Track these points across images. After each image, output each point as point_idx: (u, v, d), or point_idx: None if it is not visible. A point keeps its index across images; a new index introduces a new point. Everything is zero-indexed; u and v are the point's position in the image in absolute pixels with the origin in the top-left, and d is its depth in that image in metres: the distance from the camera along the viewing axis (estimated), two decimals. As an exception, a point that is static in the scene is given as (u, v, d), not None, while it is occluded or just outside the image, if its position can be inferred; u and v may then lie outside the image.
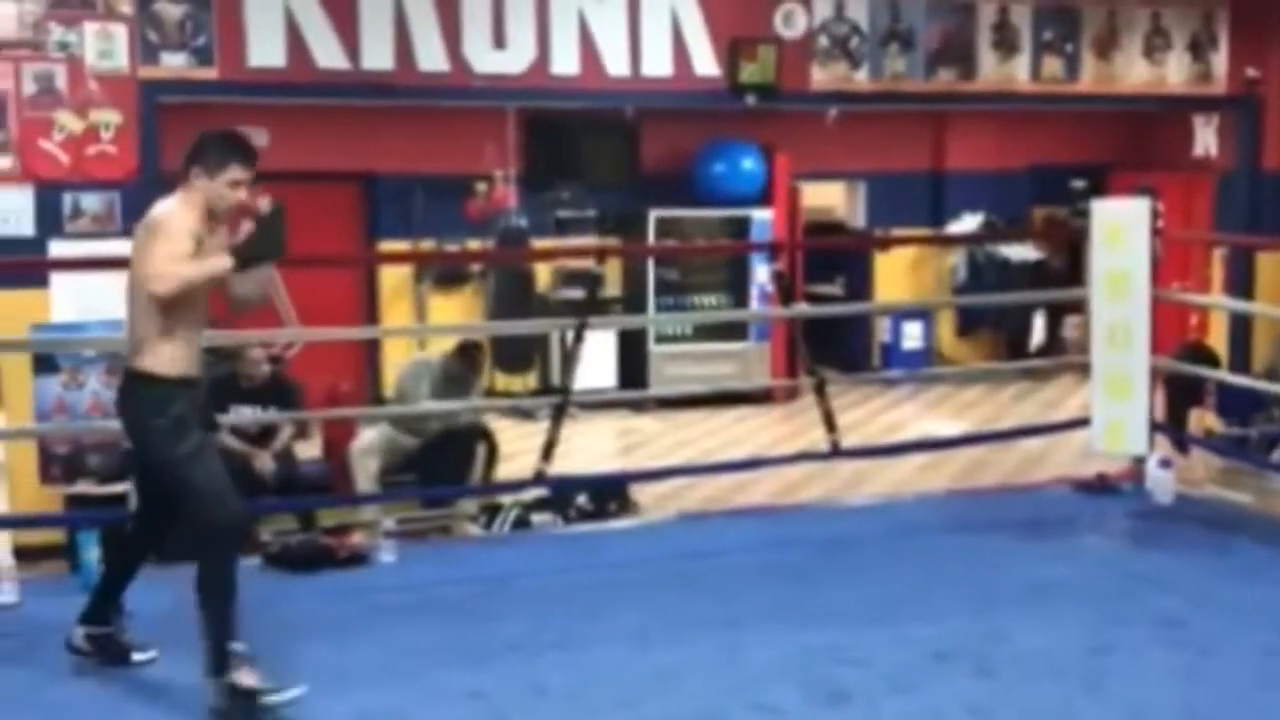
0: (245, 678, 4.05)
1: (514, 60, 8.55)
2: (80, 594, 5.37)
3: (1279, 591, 5.37)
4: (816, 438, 6.81)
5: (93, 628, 4.50)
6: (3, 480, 6.74)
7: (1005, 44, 9.92)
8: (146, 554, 4.56)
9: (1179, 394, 8.37)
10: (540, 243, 11.10)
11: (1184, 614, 5.06)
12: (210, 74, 7.69)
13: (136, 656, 4.50)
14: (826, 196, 13.05)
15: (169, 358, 4.22)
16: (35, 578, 5.74)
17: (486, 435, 7.77)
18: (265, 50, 7.94)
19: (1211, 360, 8.92)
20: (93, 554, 5.54)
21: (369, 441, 7.58)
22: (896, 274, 12.53)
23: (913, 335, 12.45)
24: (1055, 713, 4.16)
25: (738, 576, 5.60)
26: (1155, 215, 6.66)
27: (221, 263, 4.18)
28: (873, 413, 11.05)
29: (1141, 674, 4.49)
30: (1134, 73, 10.20)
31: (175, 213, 4.20)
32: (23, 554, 5.84)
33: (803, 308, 9.60)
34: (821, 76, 9.45)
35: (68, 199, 7.31)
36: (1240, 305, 9.57)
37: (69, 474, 7.11)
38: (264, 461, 7.14)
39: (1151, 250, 6.53)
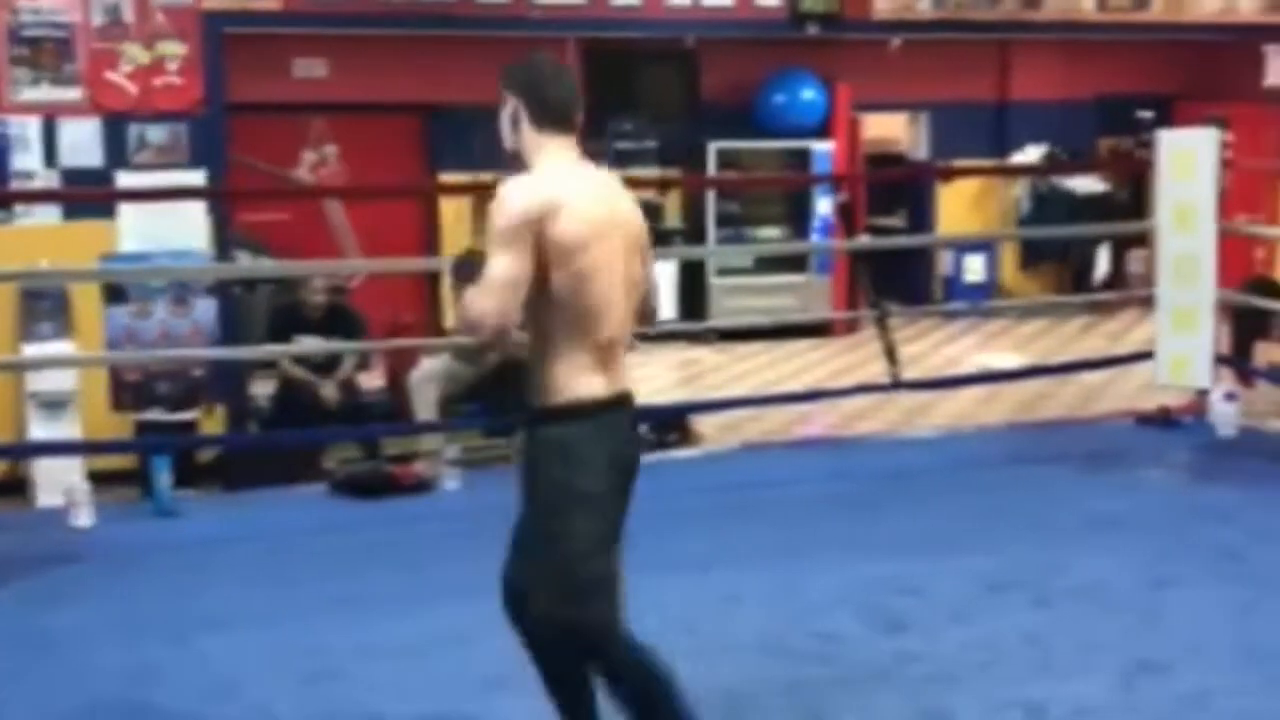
0: None
1: (574, -10, 8.54)
2: (152, 518, 5.55)
3: (1342, 527, 5.34)
4: (877, 370, 6.83)
5: None
6: (75, 407, 6.91)
7: (1073, -29, 9.75)
8: None
9: (1245, 327, 8.28)
10: (600, 174, 11.09)
11: (1244, 548, 5.04)
12: (273, 4, 7.73)
13: None
14: (888, 128, 12.91)
15: None
16: (109, 502, 5.88)
17: (547, 366, 7.82)
18: (327, -19, 7.98)
19: (1278, 293, 8.81)
20: (164, 479, 5.68)
21: (428, 370, 7.66)
22: (959, 206, 12.41)
23: (975, 268, 12.35)
24: (1112, 645, 4.18)
25: (798, 507, 5.65)
26: (1223, 146, 6.57)
27: None
28: (934, 345, 11.01)
29: (1200, 607, 4.49)
30: (1204, 1, 9.99)
31: None
32: (96, 479, 5.98)
33: (864, 240, 9.56)
34: (884, 5, 9.35)
35: (134, 130, 7.39)
36: (1310, 238, 9.43)
37: (139, 401, 7.25)
38: (328, 390, 7.25)
39: (1219, 182, 6.45)
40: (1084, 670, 4.00)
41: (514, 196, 2.97)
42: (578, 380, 3.06)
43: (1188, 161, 6.50)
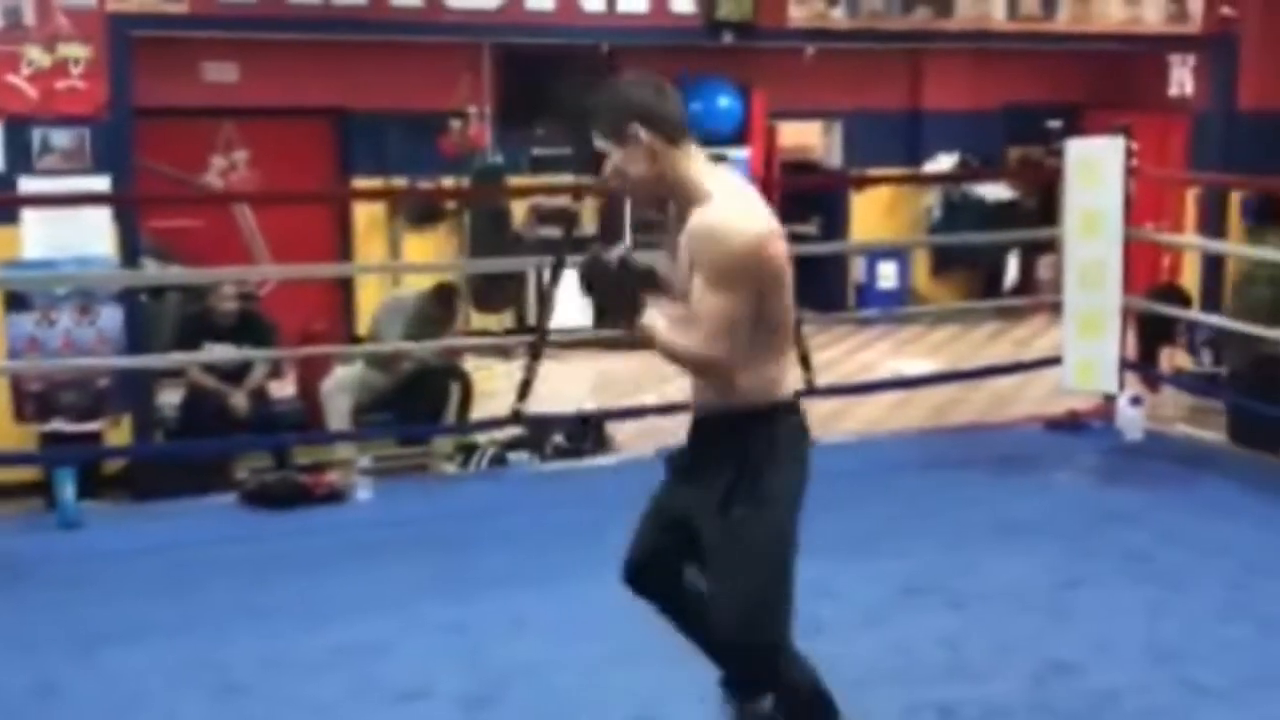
0: None
1: (489, -5, 8.47)
2: (57, 530, 5.42)
3: (1244, 527, 5.44)
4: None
5: None
6: (-24, 418, 6.75)
7: (982, -19, 9.87)
8: None
9: (1151, 333, 8.43)
10: (516, 180, 11.06)
11: (1151, 549, 5.13)
12: (181, 7, 7.59)
13: None
14: (803, 135, 13.02)
15: None
16: (13, 514, 5.75)
17: (460, 375, 7.77)
18: (237, -17, 7.84)
19: (1183, 300, 8.99)
20: (68, 492, 5.55)
21: (341, 379, 7.58)
22: (872, 214, 12.53)
23: (888, 275, 12.47)
24: (1024, 645, 4.22)
25: (712, 513, 5.64)
26: (1129, 154, 6.67)
27: None
28: (847, 351, 11.09)
29: (1109, 607, 4.56)
30: (1111, 12, 10.17)
31: None
32: (-1, 491, 5.85)
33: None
34: (798, 13, 9.38)
35: (37, 135, 7.22)
36: (1213, 245, 9.61)
37: (42, 412, 7.09)
38: (238, 399, 7.14)
39: (1125, 190, 6.55)
40: (996, 671, 4.04)
41: (736, 232, 2.85)
42: (786, 380, 3.08)
43: (1095, 170, 6.60)
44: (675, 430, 8.28)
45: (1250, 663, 4.11)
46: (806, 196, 12.98)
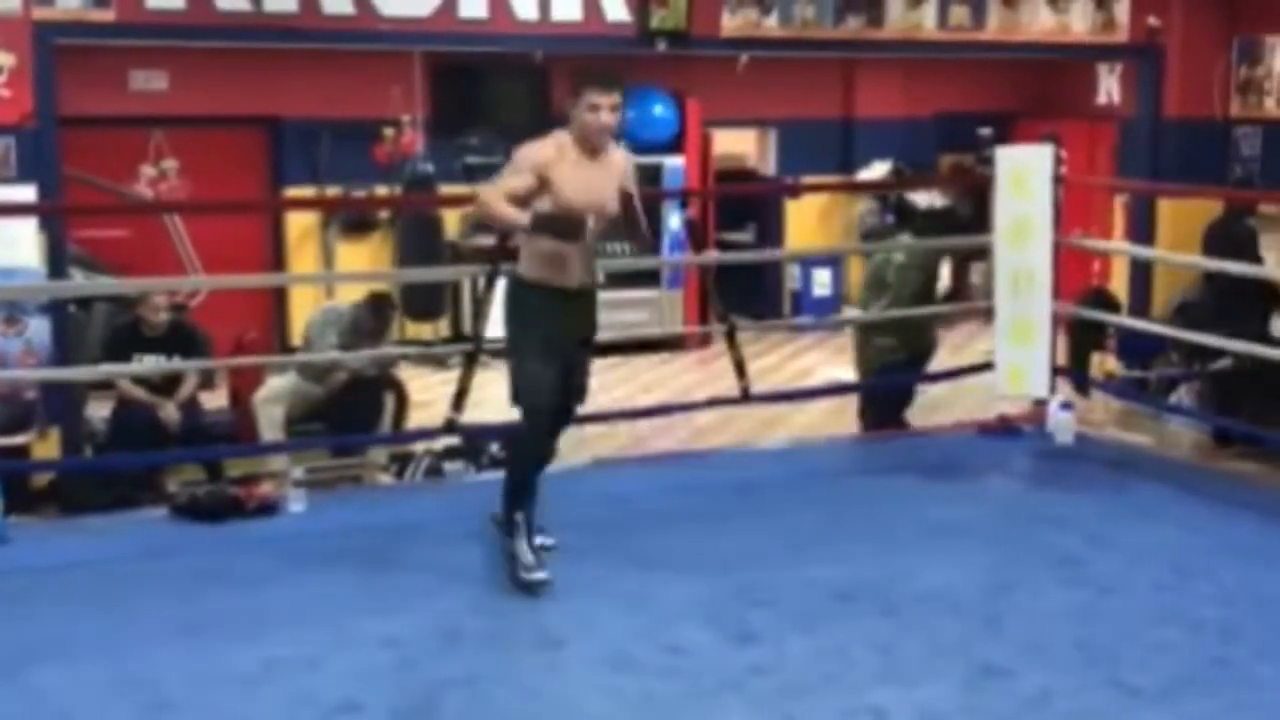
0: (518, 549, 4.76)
1: (421, 3, 8.44)
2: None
3: (1174, 531, 5.52)
4: (729, 384, 6.88)
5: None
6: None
7: (913, -10, 9.97)
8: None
9: (1081, 338, 8.53)
10: (449, 189, 11.01)
11: (1082, 553, 5.19)
12: (107, 15, 7.50)
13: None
14: (738, 143, 13.06)
15: (528, 264, 4.85)
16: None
17: (395, 385, 7.73)
18: (164, -9, 7.75)
19: (1113, 306, 9.11)
20: (-6, 504, 5.45)
21: (273, 390, 7.51)
22: (807, 222, 12.60)
23: (822, 282, 12.55)
24: (956, 650, 4.26)
25: (649, 520, 5.64)
26: (1058, 162, 6.76)
27: (518, 219, 4.65)
28: (783, 359, 11.15)
29: (1040, 611, 4.60)
30: (1039, 21, 10.31)
31: (529, 145, 4.66)
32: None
33: (714, 255, 9.60)
34: (732, 22, 9.44)
35: (-40, 144, 7.11)
36: (1141, 251, 9.76)
37: (-34, 425, 6.97)
38: (169, 411, 7.06)
39: (1054, 197, 6.63)
40: (929, 675, 4.06)
41: None
42: None
43: (1024, 177, 6.67)
44: (613, 437, 8.28)
45: (1180, 664, 4.17)
46: (741, 204, 13.02)
